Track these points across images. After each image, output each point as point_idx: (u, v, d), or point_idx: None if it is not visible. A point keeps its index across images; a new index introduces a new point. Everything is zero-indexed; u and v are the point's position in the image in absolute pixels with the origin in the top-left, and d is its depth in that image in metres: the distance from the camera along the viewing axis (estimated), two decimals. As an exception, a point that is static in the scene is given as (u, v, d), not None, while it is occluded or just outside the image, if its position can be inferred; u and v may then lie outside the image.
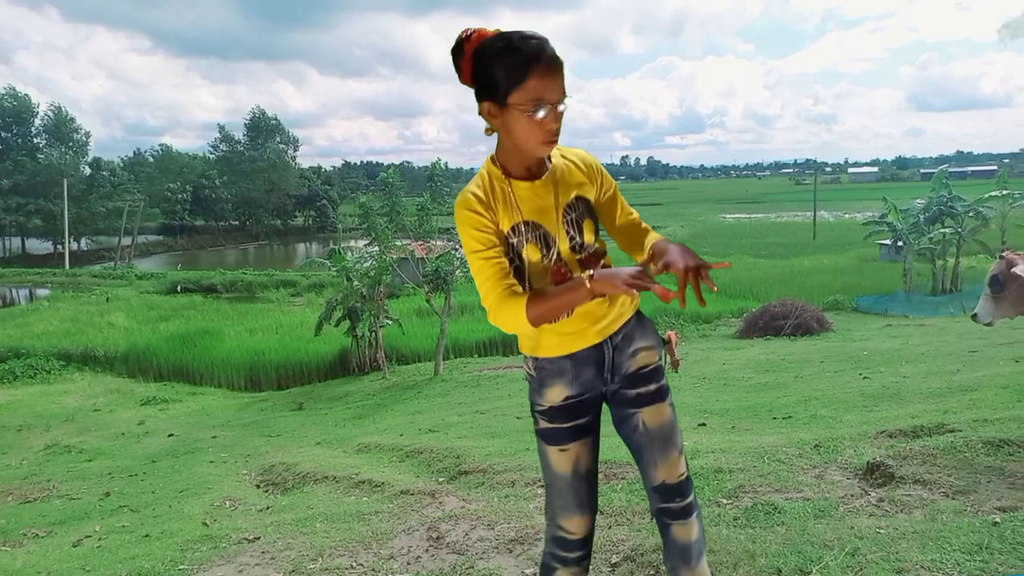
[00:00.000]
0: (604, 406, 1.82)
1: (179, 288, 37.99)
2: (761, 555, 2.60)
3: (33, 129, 60.38)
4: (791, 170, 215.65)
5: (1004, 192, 27.03)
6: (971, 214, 26.01)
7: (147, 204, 62.47)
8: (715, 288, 1.45)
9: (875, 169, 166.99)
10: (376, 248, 19.29)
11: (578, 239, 1.68)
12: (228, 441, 10.82)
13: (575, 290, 1.52)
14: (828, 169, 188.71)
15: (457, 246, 18.54)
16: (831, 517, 2.92)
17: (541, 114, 1.51)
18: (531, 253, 1.64)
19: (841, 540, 2.64)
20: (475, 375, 16.25)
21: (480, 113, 1.59)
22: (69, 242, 55.25)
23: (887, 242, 32.25)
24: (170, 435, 12.60)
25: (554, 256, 1.65)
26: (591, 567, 2.76)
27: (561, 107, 1.53)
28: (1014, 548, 2.38)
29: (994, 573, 2.26)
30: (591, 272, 1.52)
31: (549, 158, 1.68)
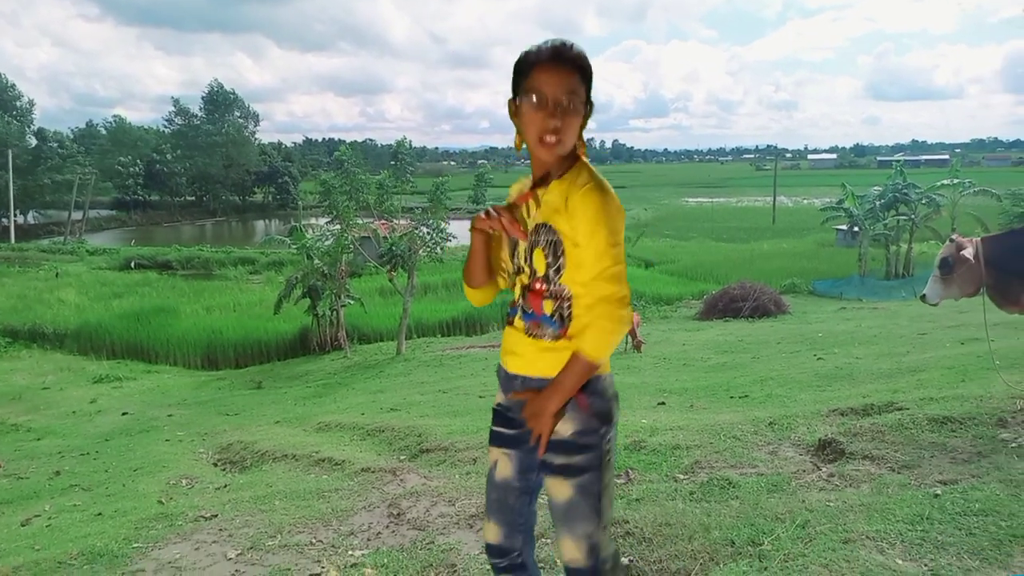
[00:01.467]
0: None
1: (133, 264, 36.95)
2: (715, 528, 2.67)
3: (-31, 96, 57.65)
4: (752, 156, 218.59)
5: (955, 181, 27.88)
6: (924, 201, 26.80)
7: (99, 178, 60.33)
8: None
9: (834, 156, 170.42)
10: (337, 226, 19.03)
11: (523, 265, 1.65)
12: (184, 420, 10.64)
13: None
14: (788, 155, 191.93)
15: (419, 225, 18.37)
16: (783, 491, 3.01)
17: (530, 101, 1.52)
18: (502, 250, 1.76)
19: (792, 513, 2.72)
20: (438, 355, 16.23)
21: (509, 115, 1.63)
22: (15, 215, 53.16)
23: (843, 227, 33.04)
24: (124, 413, 12.33)
25: (517, 267, 1.69)
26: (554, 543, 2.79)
27: (563, 103, 1.50)
28: (953, 519, 2.49)
29: (934, 542, 2.35)
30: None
31: (561, 176, 1.58)
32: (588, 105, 1.56)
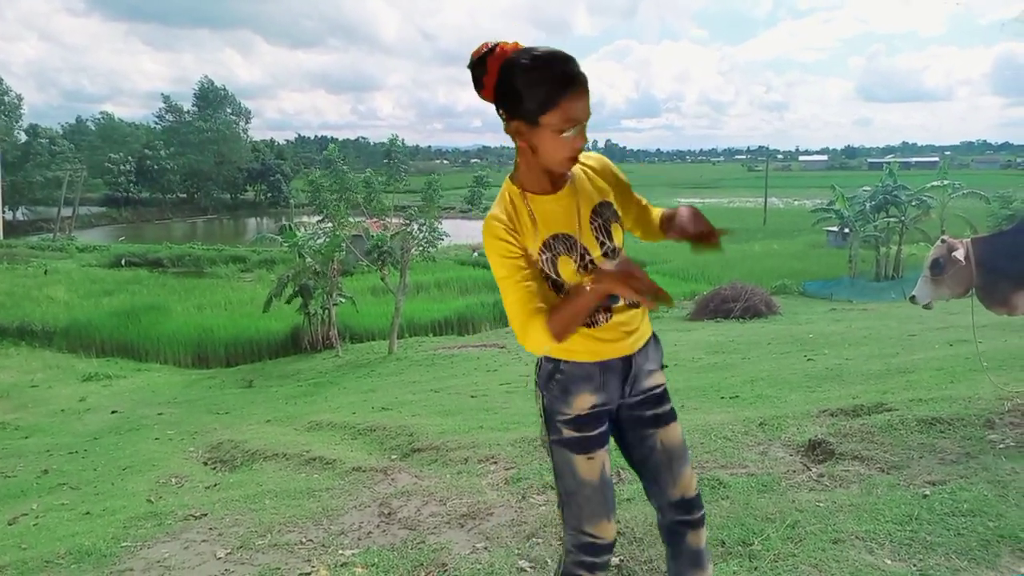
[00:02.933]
0: None
1: (123, 262, 36.66)
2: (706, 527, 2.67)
3: (-43, 91, 57.05)
4: (744, 156, 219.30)
5: (945, 183, 28.10)
6: (914, 203, 27.00)
7: (89, 175, 59.91)
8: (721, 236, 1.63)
9: (825, 157, 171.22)
10: (329, 224, 18.97)
11: (609, 244, 1.69)
12: (174, 418, 10.58)
13: (580, 295, 1.54)
14: (780, 156, 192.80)
15: (409, 222, 18.34)
16: (773, 492, 3.02)
17: (566, 130, 1.53)
18: (564, 265, 1.64)
19: (782, 513, 2.73)
20: (429, 354, 16.20)
21: (507, 130, 1.60)
22: (4, 212, 52.74)
23: (834, 229, 33.24)
24: (113, 412, 12.25)
25: (588, 264, 1.65)
26: (545, 543, 2.80)
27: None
28: (941, 519, 2.50)
29: (922, 542, 2.37)
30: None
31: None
32: None
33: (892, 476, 3.03)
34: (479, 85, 1.59)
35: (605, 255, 1.68)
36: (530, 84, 1.51)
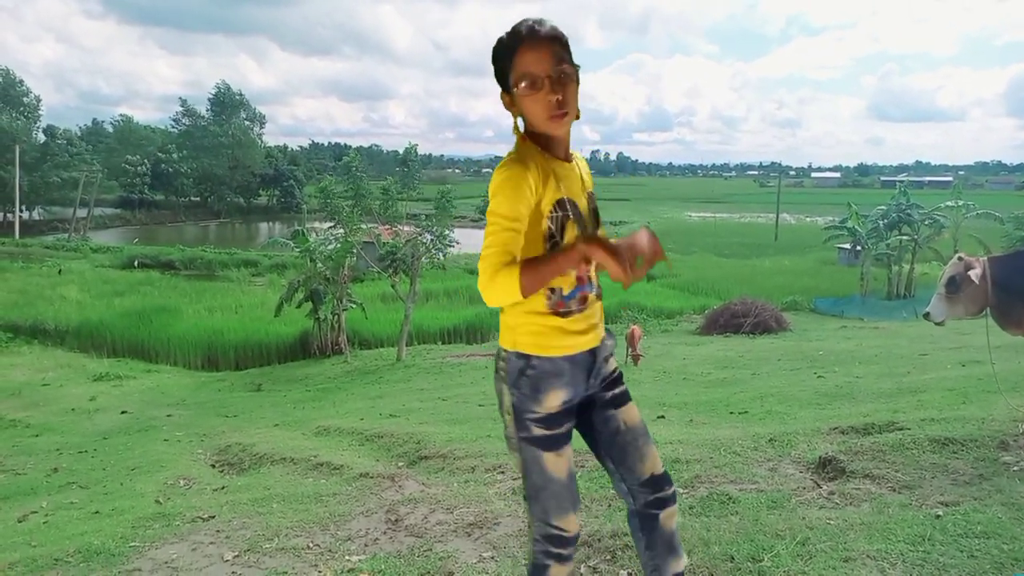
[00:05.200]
0: None
1: (136, 263, 37.00)
2: (715, 543, 2.66)
3: (-21, 91, 57.74)
4: (756, 172, 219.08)
5: (959, 203, 27.96)
6: (927, 222, 26.87)
7: (105, 176, 60.52)
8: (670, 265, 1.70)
9: (838, 175, 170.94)
10: (340, 230, 19.09)
11: (591, 229, 1.71)
12: (183, 420, 10.64)
13: (567, 252, 1.48)
14: (792, 173, 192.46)
15: (424, 231, 18.42)
16: (783, 508, 3.00)
17: (524, 86, 1.54)
18: (570, 230, 1.64)
19: (792, 530, 2.71)
20: (438, 362, 16.22)
21: (506, 108, 1.64)
22: (20, 211, 53.32)
23: (846, 246, 33.12)
24: (123, 412, 12.33)
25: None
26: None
27: (559, 75, 1.54)
28: (955, 540, 2.48)
29: (935, 563, 2.35)
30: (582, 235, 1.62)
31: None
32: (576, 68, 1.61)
33: (904, 496, 3.01)
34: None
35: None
36: (497, 54, 1.58)
